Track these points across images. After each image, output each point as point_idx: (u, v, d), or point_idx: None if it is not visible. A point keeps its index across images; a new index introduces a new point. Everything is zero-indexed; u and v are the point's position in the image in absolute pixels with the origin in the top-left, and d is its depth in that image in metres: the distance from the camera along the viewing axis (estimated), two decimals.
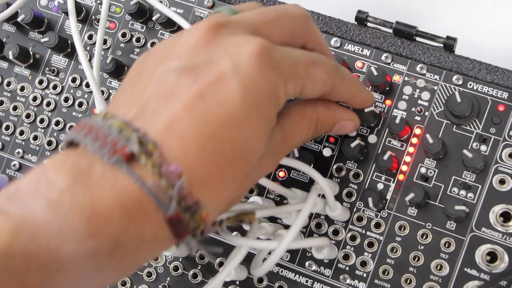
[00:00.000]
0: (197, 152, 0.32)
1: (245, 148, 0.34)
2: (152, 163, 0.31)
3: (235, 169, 0.34)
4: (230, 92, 0.33)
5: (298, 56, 0.38)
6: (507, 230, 0.46)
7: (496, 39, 0.60)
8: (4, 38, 0.59)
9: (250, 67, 0.34)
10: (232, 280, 0.51)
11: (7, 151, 0.58)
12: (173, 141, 0.32)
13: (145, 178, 0.31)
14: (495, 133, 0.47)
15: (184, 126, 0.32)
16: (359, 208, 0.49)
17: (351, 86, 0.43)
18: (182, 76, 0.33)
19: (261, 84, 0.34)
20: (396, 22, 0.50)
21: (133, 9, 0.54)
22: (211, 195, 0.33)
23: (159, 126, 0.32)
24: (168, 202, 0.31)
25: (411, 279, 0.47)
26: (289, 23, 0.39)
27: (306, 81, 0.38)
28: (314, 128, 0.42)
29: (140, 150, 0.31)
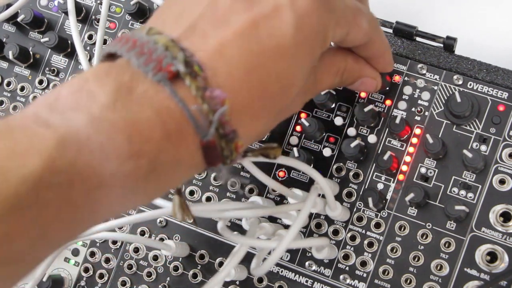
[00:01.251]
0: (242, 81, 0.32)
1: (288, 83, 0.34)
2: (196, 85, 0.30)
3: (275, 102, 0.34)
4: (284, 25, 0.33)
5: (350, 3, 0.38)
6: (507, 230, 0.46)
7: (496, 39, 0.60)
8: (4, 38, 0.59)
9: (306, 4, 0.34)
10: (232, 280, 0.51)
11: None
12: (220, 66, 0.31)
13: (187, 100, 0.30)
14: (495, 133, 0.47)
15: (233, 52, 0.32)
16: (359, 208, 0.49)
17: (383, 44, 0.44)
18: (237, 2, 0.33)
19: (314, 22, 0.34)
20: (396, 22, 0.50)
21: (133, 9, 0.54)
22: (248, 125, 0.33)
23: (208, 49, 0.31)
24: (207, 128, 0.31)
25: (411, 279, 0.47)
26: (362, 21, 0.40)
27: (352, 28, 0.38)
28: (341, 76, 0.42)
29: (186, 70, 0.30)
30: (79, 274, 0.55)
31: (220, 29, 0.32)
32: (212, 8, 0.33)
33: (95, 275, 0.54)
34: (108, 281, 0.54)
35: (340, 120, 0.50)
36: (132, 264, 0.53)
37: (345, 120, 0.50)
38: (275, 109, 0.35)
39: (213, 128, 0.31)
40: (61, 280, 0.55)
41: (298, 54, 0.34)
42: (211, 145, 0.31)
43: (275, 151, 0.39)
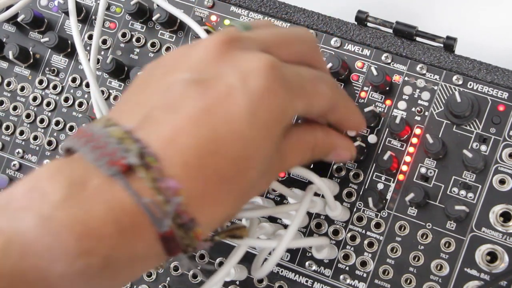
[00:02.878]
0: (198, 168, 0.31)
1: (246, 166, 0.33)
2: (150, 177, 0.30)
3: (233, 186, 0.33)
4: (238, 109, 0.33)
5: (305, 73, 0.38)
6: (507, 230, 0.46)
7: (496, 39, 0.60)
8: (4, 38, 0.59)
9: (259, 84, 0.34)
10: (232, 280, 0.51)
11: (7, 151, 0.58)
12: (174, 155, 0.31)
13: (141, 192, 0.30)
14: (495, 133, 0.47)
15: (188, 140, 0.31)
16: (359, 208, 0.49)
17: (349, 105, 0.43)
18: (190, 89, 0.33)
19: (270, 102, 0.34)
20: (396, 22, 0.50)
21: (133, 9, 0.54)
22: (207, 212, 0.32)
23: (162, 138, 0.31)
24: (163, 218, 0.30)
25: (411, 279, 0.47)
26: (298, 46, 0.40)
27: (313, 98, 0.38)
28: (311, 152, 0.41)
29: (139, 163, 0.30)
30: None
31: (173, 116, 0.32)
32: (167, 95, 0.33)
33: None
34: None
35: None
36: None
37: None
38: (235, 193, 0.34)
39: (169, 219, 0.30)
40: None
41: (255, 137, 0.33)
42: (169, 236, 0.30)
43: (242, 231, 0.39)
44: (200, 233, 0.32)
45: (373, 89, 0.50)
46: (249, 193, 0.37)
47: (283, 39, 0.39)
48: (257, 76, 0.34)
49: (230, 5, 0.54)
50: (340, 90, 0.41)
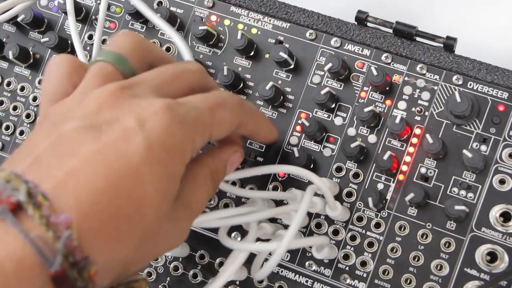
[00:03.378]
0: (90, 204, 0.31)
1: (142, 203, 0.33)
2: (40, 214, 0.29)
3: (130, 224, 0.32)
4: (133, 146, 0.33)
5: (202, 104, 0.38)
6: (507, 230, 0.46)
7: (496, 39, 0.60)
8: (4, 38, 0.59)
9: (156, 124, 0.34)
10: (232, 280, 0.51)
11: (7, 151, 0.58)
12: (66, 193, 0.30)
13: (30, 230, 0.29)
14: (495, 133, 0.47)
15: (80, 178, 0.31)
16: (359, 208, 0.49)
17: (256, 119, 0.44)
18: (83, 135, 0.33)
19: (167, 140, 0.34)
20: (396, 22, 0.50)
21: (133, 9, 0.54)
22: (103, 251, 0.31)
23: (53, 179, 0.31)
24: (53, 256, 0.29)
25: (411, 279, 0.47)
26: (187, 78, 0.40)
27: (213, 127, 0.38)
28: (212, 181, 0.41)
29: (28, 200, 0.29)
30: None
31: (67, 160, 0.32)
32: (58, 143, 0.33)
33: None
34: None
35: (340, 120, 0.50)
36: None
37: (345, 120, 0.50)
38: (134, 232, 0.33)
39: (60, 255, 0.29)
40: None
41: (150, 172, 0.33)
42: (60, 275, 0.29)
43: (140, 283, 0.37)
44: (95, 273, 0.30)
45: (373, 89, 0.50)
46: (154, 239, 0.36)
47: (171, 76, 0.39)
48: (154, 118, 0.34)
49: (230, 5, 0.54)
50: (243, 108, 0.41)
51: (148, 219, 0.33)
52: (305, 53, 0.52)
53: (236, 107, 0.40)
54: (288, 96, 0.52)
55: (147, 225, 0.33)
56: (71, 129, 0.33)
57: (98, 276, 0.31)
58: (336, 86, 0.51)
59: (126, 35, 0.41)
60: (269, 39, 0.53)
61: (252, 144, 0.52)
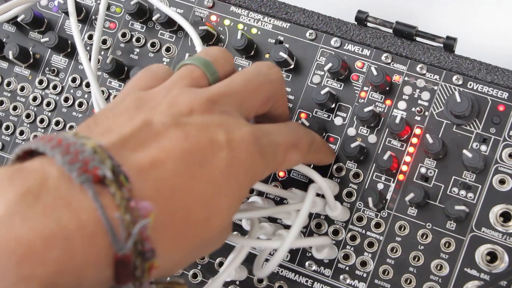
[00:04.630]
0: (167, 200, 0.31)
1: (213, 212, 0.34)
2: (121, 195, 0.29)
3: (196, 230, 0.33)
4: (218, 159, 0.34)
5: (280, 141, 0.40)
6: (507, 230, 0.46)
7: (496, 39, 0.60)
8: (4, 38, 0.59)
9: (242, 148, 0.35)
10: (232, 280, 0.51)
11: (7, 151, 0.58)
12: (148, 181, 0.31)
13: (109, 208, 0.28)
14: (495, 133, 0.47)
15: (163, 172, 0.31)
16: (359, 208, 0.49)
17: (319, 156, 0.46)
18: (172, 131, 0.33)
19: (246, 165, 0.36)
20: (396, 22, 0.50)
21: (133, 9, 0.54)
22: (166, 249, 0.31)
23: (136, 164, 0.31)
24: (125, 240, 0.28)
25: (411, 279, 0.47)
26: (268, 89, 0.41)
27: (281, 166, 0.41)
28: None
29: (112, 178, 0.29)
30: None
31: (152, 148, 0.32)
32: (144, 130, 0.33)
33: None
34: None
35: (340, 120, 0.50)
36: None
37: (345, 120, 0.50)
38: (196, 239, 0.33)
39: (132, 241, 0.28)
40: None
41: (227, 188, 0.34)
42: (125, 260, 0.29)
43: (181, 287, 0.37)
44: (156, 266, 0.30)
45: (373, 89, 0.50)
46: (207, 247, 0.37)
47: (255, 88, 0.40)
48: (241, 142, 0.36)
49: (230, 5, 0.54)
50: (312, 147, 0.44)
51: (212, 230, 0.34)
52: (305, 53, 0.52)
53: (307, 148, 0.43)
54: (288, 96, 0.51)
55: (209, 235, 0.34)
56: (159, 121, 0.34)
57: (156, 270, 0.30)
58: (336, 86, 0.51)
59: (217, 48, 0.42)
60: (269, 39, 0.53)
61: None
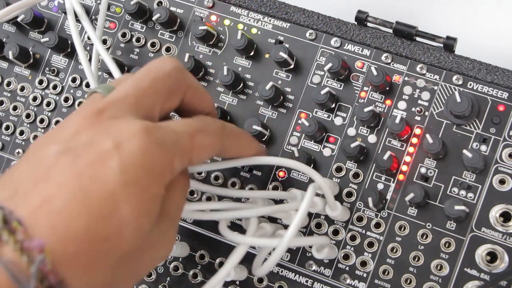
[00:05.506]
0: (65, 228, 0.31)
1: (119, 224, 0.33)
2: (14, 239, 0.29)
3: (108, 246, 0.32)
4: (108, 170, 0.33)
5: (182, 128, 0.38)
6: (507, 230, 0.46)
7: (496, 39, 0.60)
8: (4, 38, 0.59)
9: (132, 147, 0.34)
10: (232, 280, 0.51)
11: (7, 151, 0.58)
12: (41, 219, 0.31)
13: (6, 255, 0.29)
14: (495, 133, 0.47)
15: (56, 203, 0.31)
16: (359, 208, 0.49)
17: (239, 142, 0.43)
18: (60, 158, 0.33)
19: (143, 162, 0.34)
20: (396, 22, 0.50)
21: (133, 9, 0.54)
22: (80, 274, 0.31)
23: (29, 206, 0.31)
24: (28, 281, 0.29)
25: (411, 279, 0.47)
26: (165, 83, 0.39)
27: (193, 152, 0.38)
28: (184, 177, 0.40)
29: (3, 226, 0.30)
30: None
31: (43, 186, 0.32)
32: (37, 168, 0.33)
33: None
34: None
35: (340, 120, 0.50)
36: None
37: (345, 120, 0.50)
38: (112, 254, 0.33)
39: (33, 279, 0.29)
40: None
41: (126, 194, 0.33)
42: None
43: None
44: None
45: (373, 89, 0.50)
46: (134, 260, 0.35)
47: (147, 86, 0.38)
48: (131, 140, 0.34)
49: (230, 5, 0.54)
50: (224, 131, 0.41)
51: (127, 240, 0.33)
52: (305, 53, 0.52)
53: (218, 132, 0.40)
54: (288, 96, 0.52)
55: (126, 245, 0.33)
56: (49, 154, 0.34)
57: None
58: (336, 86, 0.51)
59: None
60: (269, 39, 0.53)
61: None
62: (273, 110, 0.52)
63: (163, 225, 0.37)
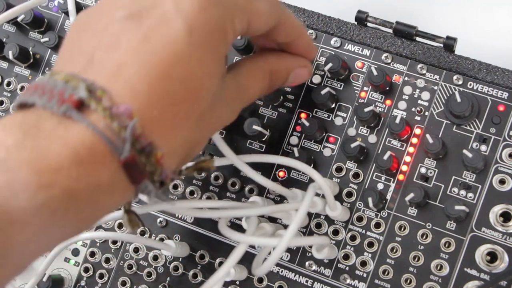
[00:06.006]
0: (146, 93, 0.32)
1: (195, 85, 0.34)
2: (102, 107, 0.31)
3: (187, 107, 0.34)
4: (175, 31, 0.33)
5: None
6: (507, 230, 0.46)
7: (496, 39, 0.60)
8: (4, 38, 0.59)
9: (192, 5, 0.34)
10: (232, 280, 0.51)
11: None
12: (121, 85, 0.32)
13: (98, 122, 0.30)
14: (495, 133, 0.47)
15: (131, 69, 0.32)
16: (359, 208, 0.49)
17: (295, 24, 0.43)
18: (126, 23, 0.33)
19: (205, 20, 0.34)
20: (396, 22, 0.50)
21: None
22: (165, 136, 0.33)
23: (106, 73, 0.32)
24: (122, 144, 0.31)
25: (411, 279, 0.47)
26: None
27: (251, 15, 0.38)
28: (269, 78, 0.42)
29: (89, 95, 0.31)
30: (79, 274, 0.55)
31: (114, 52, 0.33)
32: (105, 35, 0.34)
33: (95, 275, 0.54)
34: (108, 281, 0.54)
35: (340, 120, 0.50)
36: (132, 264, 0.53)
37: (345, 120, 0.50)
38: (191, 116, 0.34)
39: (128, 143, 0.31)
40: (61, 280, 0.55)
41: (197, 55, 0.34)
42: (130, 161, 0.31)
43: (208, 162, 0.39)
44: (161, 157, 0.32)
45: (373, 89, 0.50)
46: (210, 119, 0.37)
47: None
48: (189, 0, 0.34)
49: None
50: (282, 8, 0.41)
51: (203, 99, 0.35)
52: None
53: (275, 4, 0.40)
54: (288, 96, 0.51)
55: (202, 106, 0.35)
56: (114, 20, 0.34)
57: (165, 159, 0.32)
58: (336, 86, 0.51)
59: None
60: None
61: (252, 144, 0.52)
62: (273, 110, 0.52)
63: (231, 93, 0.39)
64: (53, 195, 0.29)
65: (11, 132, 0.30)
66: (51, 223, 0.30)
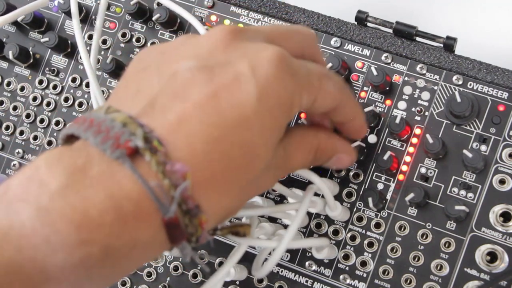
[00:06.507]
0: (204, 153, 0.31)
1: (252, 154, 0.33)
2: (156, 160, 0.29)
3: (239, 175, 0.32)
4: (245, 94, 0.32)
5: (312, 68, 0.37)
6: (507, 230, 0.46)
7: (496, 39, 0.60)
8: (4, 38, 0.59)
9: (268, 71, 0.33)
10: (232, 280, 0.51)
11: (7, 151, 0.58)
12: (180, 139, 0.30)
13: (148, 176, 0.29)
14: (495, 133, 0.47)
15: (194, 125, 0.31)
16: (359, 208, 0.49)
17: (355, 106, 0.42)
18: (197, 75, 0.32)
19: (278, 90, 0.33)
20: (396, 22, 0.50)
21: (133, 9, 0.54)
22: (212, 200, 0.32)
23: (167, 123, 0.31)
24: (169, 204, 0.29)
25: (411, 279, 0.47)
26: (300, 40, 0.39)
27: (318, 93, 0.37)
28: (314, 154, 0.41)
29: (145, 146, 0.29)
30: None
31: (180, 103, 0.31)
32: (171, 83, 0.32)
33: None
34: None
35: None
36: None
37: None
38: (241, 183, 0.33)
39: (175, 204, 0.29)
40: None
41: (261, 124, 0.33)
42: (174, 222, 0.30)
43: (245, 229, 0.38)
44: (205, 221, 0.31)
45: (373, 89, 0.50)
46: (254, 187, 0.36)
47: (285, 32, 0.38)
48: (266, 65, 0.33)
49: (230, 5, 0.54)
50: (346, 90, 0.40)
51: (256, 169, 0.34)
52: None
53: (341, 86, 0.40)
54: None
55: (253, 174, 0.34)
56: (184, 69, 0.33)
57: (207, 223, 0.31)
58: None
59: None
60: None
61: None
62: None
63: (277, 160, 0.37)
64: (91, 253, 0.28)
65: (55, 173, 0.29)
66: (86, 279, 0.29)
